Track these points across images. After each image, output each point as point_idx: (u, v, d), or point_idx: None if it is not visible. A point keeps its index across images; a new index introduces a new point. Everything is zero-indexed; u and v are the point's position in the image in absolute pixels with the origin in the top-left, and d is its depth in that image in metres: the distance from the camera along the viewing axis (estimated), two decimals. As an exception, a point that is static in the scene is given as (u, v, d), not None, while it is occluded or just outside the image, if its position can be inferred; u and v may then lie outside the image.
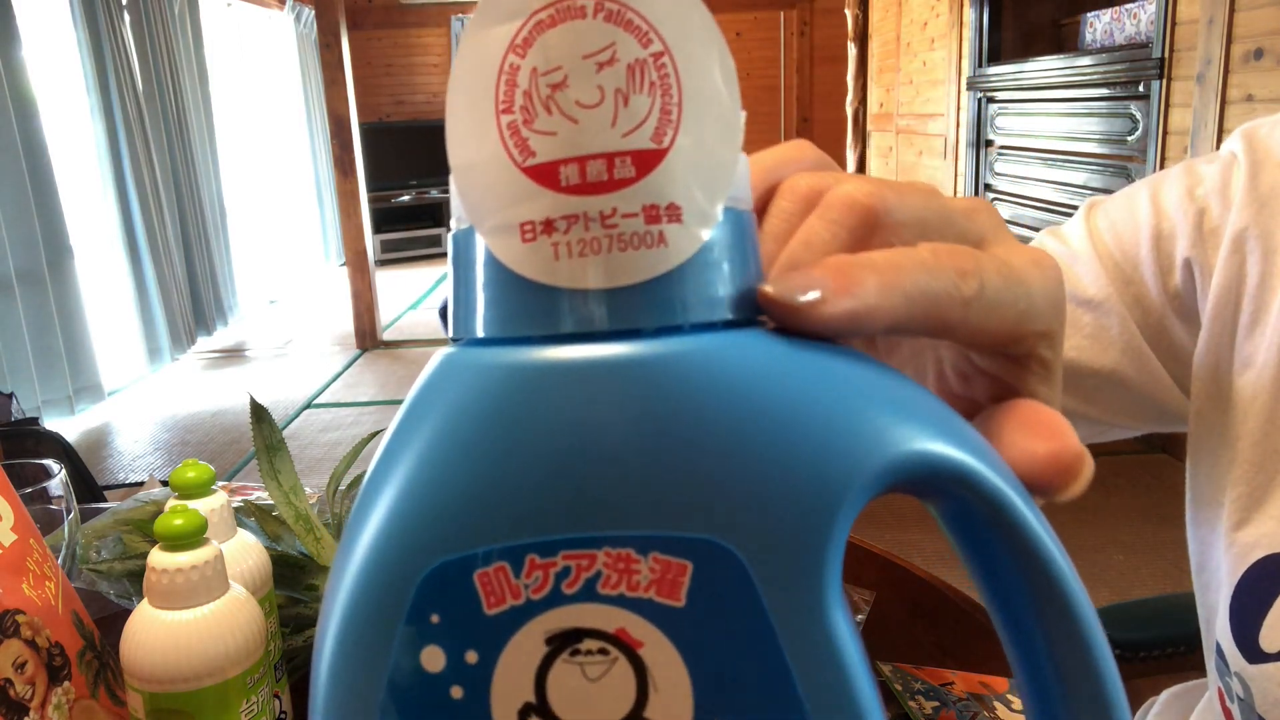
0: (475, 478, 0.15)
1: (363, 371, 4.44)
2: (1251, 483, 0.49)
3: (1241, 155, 0.51)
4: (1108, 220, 0.56)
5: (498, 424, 0.16)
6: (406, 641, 0.15)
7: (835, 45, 6.29)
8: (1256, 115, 0.55)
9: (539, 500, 0.15)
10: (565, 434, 0.15)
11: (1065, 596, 0.17)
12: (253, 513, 0.63)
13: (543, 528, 0.15)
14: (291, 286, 6.46)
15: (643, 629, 0.15)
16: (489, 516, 0.15)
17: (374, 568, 0.16)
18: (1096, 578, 2.22)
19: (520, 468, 0.15)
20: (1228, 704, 0.53)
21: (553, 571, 0.15)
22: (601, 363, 0.15)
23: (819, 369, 0.16)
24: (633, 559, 0.15)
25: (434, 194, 7.70)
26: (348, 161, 4.58)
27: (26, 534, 0.50)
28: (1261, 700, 0.48)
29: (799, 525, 0.15)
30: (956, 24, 4.32)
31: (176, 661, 0.45)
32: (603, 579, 0.15)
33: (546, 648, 0.15)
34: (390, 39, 7.70)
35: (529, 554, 0.15)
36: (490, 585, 0.15)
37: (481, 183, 0.16)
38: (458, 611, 0.15)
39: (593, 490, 0.15)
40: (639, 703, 0.15)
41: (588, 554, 0.15)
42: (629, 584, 0.15)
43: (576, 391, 0.15)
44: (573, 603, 0.15)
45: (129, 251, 4.33)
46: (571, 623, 0.15)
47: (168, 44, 4.74)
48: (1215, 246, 0.51)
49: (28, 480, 0.64)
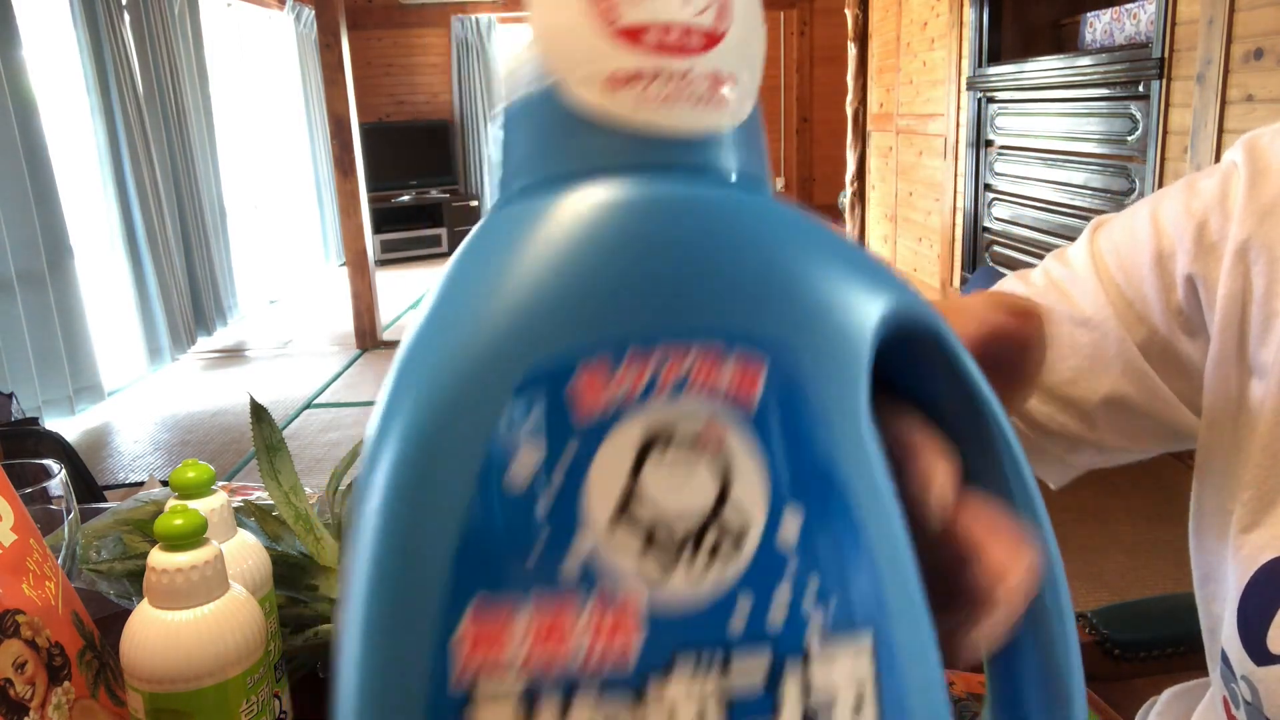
0: (576, 281, 0.17)
1: (363, 371, 4.44)
2: (1261, 486, 0.49)
3: (1242, 165, 0.51)
4: (1110, 242, 0.57)
5: (593, 237, 0.17)
6: (493, 447, 0.16)
7: (835, 45, 6.30)
8: (1256, 115, 0.55)
9: (639, 300, 0.16)
10: (659, 249, 0.17)
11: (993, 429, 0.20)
12: (253, 513, 0.63)
13: (640, 326, 0.16)
14: (291, 286, 6.46)
15: (725, 426, 0.16)
16: (591, 315, 0.16)
17: (473, 365, 0.16)
18: (1096, 578, 2.22)
19: (620, 275, 0.17)
20: (1233, 711, 0.52)
21: (647, 370, 0.16)
22: (687, 194, 0.18)
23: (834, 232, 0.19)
24: (718, 357, 0.16)
25: (434, 194, 7.69)
26: (348, 161, 4.58)
27: (26, 534, 0.50)
28: (1269, 702, 0.48)
29: (846, 344, 0.17)
30: (956, 24, 4.32)
31: (176, 661, 0.45)
32: (692, 378, 0.16)
33: (639, 447, 0.16)
34: (390, 39, 7.70)
35: (629, 348, 0.16)
36: (587, 384, 0.16)
37: (571, 40, 0.18)
38: (554, 412, 0.16)
39: (687, 291, 0.17)
40: (722, 495, 0.16)
41: (680, 349, 0.16)
42: (714, 383, 0.16)
43: (666, 214, 0.17)
44: (663, 402, 0.16)
45: (129, 251, 4.33)
46: (662, 423, 0.16)
47: (168, 44, 4.74)
48: (1217, 260, 0.50)
49: (28, 480, 0.64)
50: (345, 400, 3.98)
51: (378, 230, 7.05)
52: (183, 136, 4.85)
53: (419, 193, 7.70)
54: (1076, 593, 2.34)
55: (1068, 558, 0.69)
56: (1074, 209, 3.30)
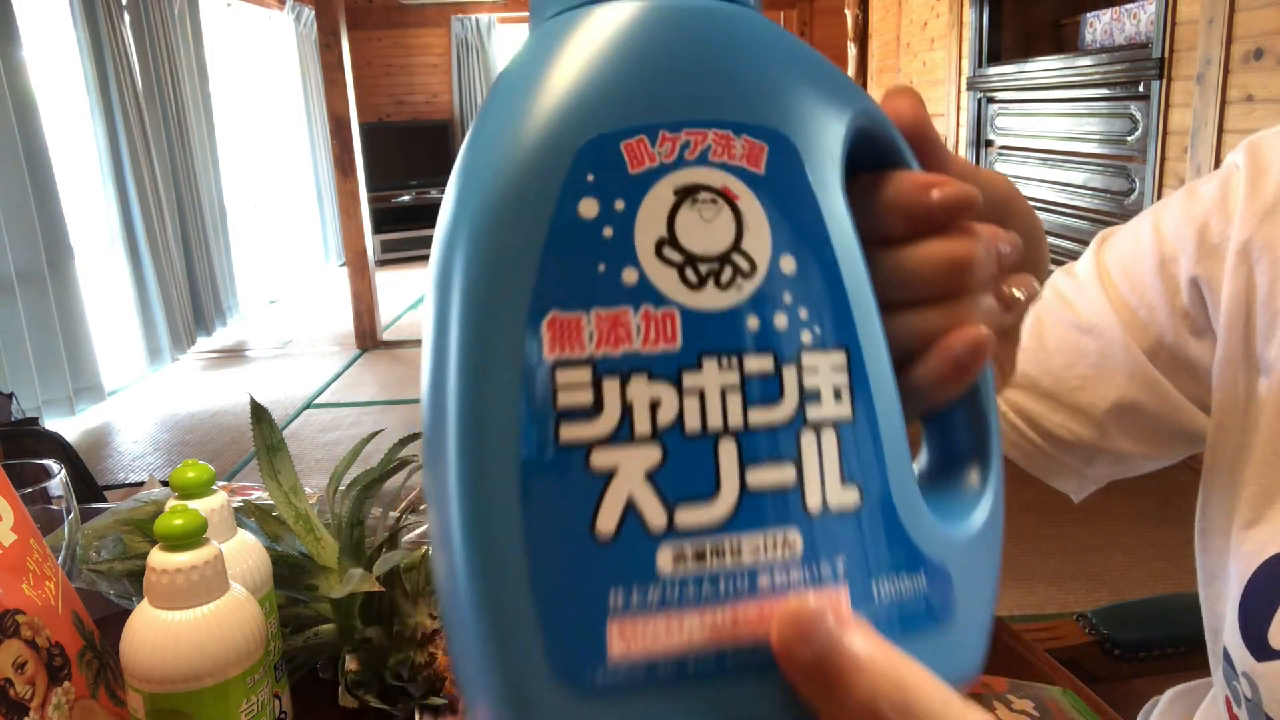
0: (620, 75, 0.21)
1: (363, 371, 4.44)
2: (1264, 481, 0.50)
3: (1243, 166, 0.51)
4: (1115, 253, 0.57)
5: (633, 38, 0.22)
6: (566, 195, 0.20)
7: (835, 45, 6.29)
8: (1256, 115, 0.56)
9: (668, 92, 0.21)
10: (686, 48, 0.22)
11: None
12: (253, 513, 0.63)
13: (671, 113, 0.21)
14: (291, 286, 6.45)
15: (739, 187, 0.21)
16: (632, 103, 0.21)
17: (534, 140, 0.21)
18: (1096, 578, 2.21)
19: (654, 70, 0.21)
20: (1235, 710, 0.53)
21: (678, 143, 0.21)
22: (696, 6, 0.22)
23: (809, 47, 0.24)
24: (731, 138, 0.21)
25: (434, 194, 7.69)
26: (348, 161, 4.58)
27: (26, 534, 0.50)
28: (1269, 698, 0.48)
29: (827, 135, 0.22)
30: (956, 24, 4.32)
31: (176, 661, 0.45)
32: (712, 150, 0.21)
33: (675, 198, 0.21)
34: (390, 39, 7.70)
35: (661, 130, 0.21)
36: (633, 152, 0.21)
37: None
38: (608, 171, 0.20)
39: (705, 88, 0.21)
40: (738, 237, 0.21)
41: (701, 132, 0.21)
42: (730, 155, 0.21)
43: (680, 23, 0.22)
44: (692, 166, 0.21)
45: (129, 251, 4.32)
46: (692, 180, 0.21)
47: (168, 44, 4.74)
48: (1220, 261, 0.51)
49: (28, 480, 0.64)
50: (345, 400, 3.98)
51: (378, 230, 7.05)
52: (183, 136, 4.85)
53: (419, 193, 7.70)
54: (1076, 593, 2.33)
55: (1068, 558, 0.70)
56: (1074, 209, 3.30)
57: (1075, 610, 0.95)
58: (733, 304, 0.20)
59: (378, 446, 0.69)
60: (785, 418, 0.20)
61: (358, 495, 0.62)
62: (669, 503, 0.20)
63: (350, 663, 0.57)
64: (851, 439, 0.21)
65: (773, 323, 0.21)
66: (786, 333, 0.21)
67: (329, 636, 0.60)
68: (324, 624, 0.61)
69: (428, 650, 0.58)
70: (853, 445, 0.21)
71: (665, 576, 0.20)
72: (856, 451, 0.21)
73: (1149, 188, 2.83)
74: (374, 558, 0.60)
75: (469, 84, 7.81)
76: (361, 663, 0.58)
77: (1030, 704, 0.58)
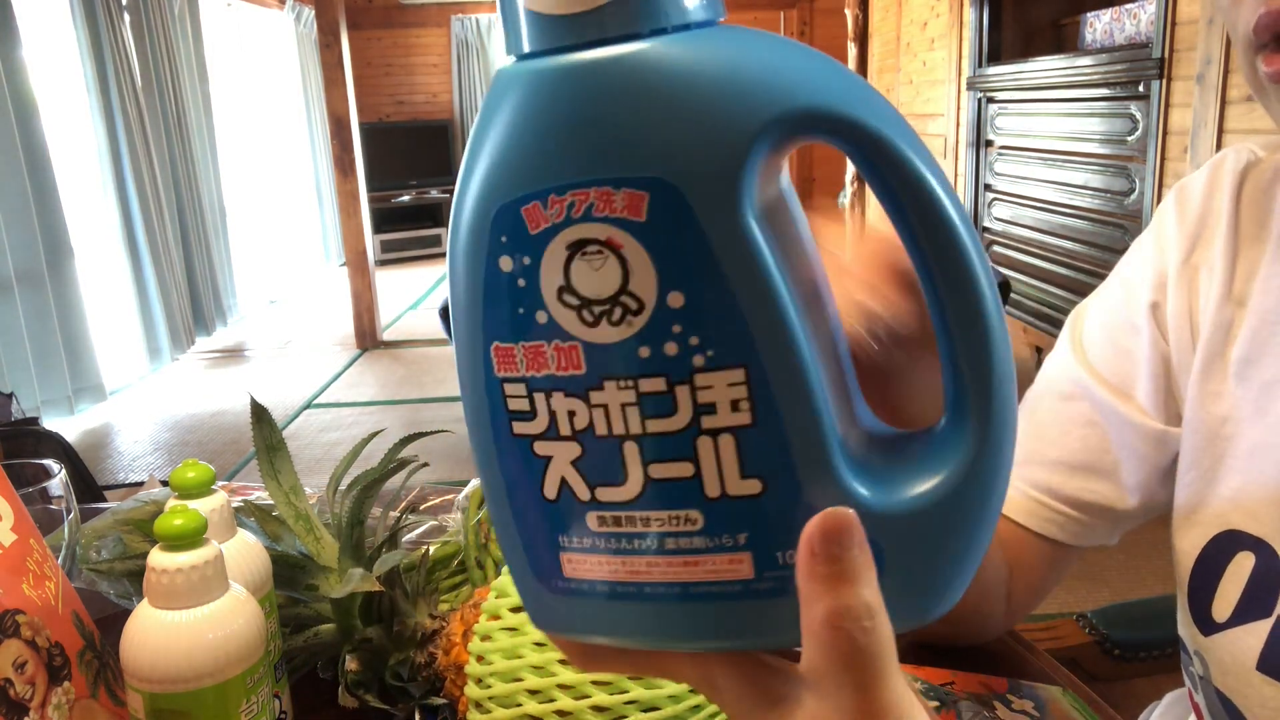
0: (519, 143, 0.24)
1: (363, 371, 4.44)
2: (1200, 465, 0.53)
3: (1172, 205, 0.57)
4: (1086, 322, 0.61)
5: (524, 110, 0.24)
6: (490, 253, 0.25)
7: (835, 45, 6.29)
8: (1256, 115, 0.58)
9: (557, 157, 0.24)
10: (576, 110, 0.24)
11: (947, 229, 0.24)
12: (253, 513, 0.63)
13: (560, 176, 0.24)
14: (291, 286, 6.46)
15: (623, 236, 0.24)
16: (528, 170, 0.24)
17: (470, 207, 0.25)
18: (1096, 578, 2.22)
19: (546, 136, 0.24)
20: (1194, 697, 0.56)
21: (565, 204, 0.24)
22: (596, 61, 0.24)
23: (744, 53, 0.24)
24: (611, 193, 0.23)
25: (434, 194, 7.69)
26: (348, 161, 4.58)
27: (26, 534, 0.50)
28: (1217, 670, 0.51)
29: (714, 163, 0.23)
30: (956, 24, 4.32)
31: (176, 661, 0.45)
32: (595, 206, 0.23)
33: (567, 251, 0.24)
34: (390, 39, 7.70)
35: (550, 193, 0.24)
36: (530, 215, 0.24)
37: None
38: (514, 232, 0.24)
39: (590, 148, 0.24)
40: (624, 280, 0.24)
41: (584, 191, 0.23)
42: (610, 209, 0.23)
43: (584, 81, 0.24)
44: (580, 223, 0.24)
45: (129, 251, 4.33)
46: (580, 235, 0.24)
47: (168, 44, 4.74)
48: (1164, 287, 0.57)
49: (28, 480, 0.64)
50: (345, 400, 3.98)
51: (378, 230, 7.05)
52: (183, 136, 4.85)
53: (419, 193, 7.70)
54: (1076, 593, 2.32)
55: (1067, 558, 0.66)
56: (1074, 209, 3.30)
57: (1075, 610, 0.95)
58: (625, 337, 0.24)
59: (378, 446, 0.69)
60: (680, 426, 0.25)
61: (358, 495, 0.62)
62: (590, 483, 0.26)
63: (350, 663, 0.58)
64: (753, 440, 0.24)
65: (662, 350, 0.24)
66: (676, 357, 0.24)
67: (329, 636, 0.60)
68: (324, 624, 0.61)
69: (428, 650, 0.58)
70: (754, 445, 0.24)
71: (594, 531, 0.26)
72: (758, 450, 0.25)
73: (1149, 188, 2.83)
74: (374, 558, 0.60)
75: (469, 84, 7.81)
76: (361, 663, 0.58)
77: (1030, 704, 0.58)
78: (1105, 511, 0.59)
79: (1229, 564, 0.50)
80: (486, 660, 0.49)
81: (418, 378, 4.30)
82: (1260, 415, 0.50)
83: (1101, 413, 0.58)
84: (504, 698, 0.47)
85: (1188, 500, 0.54)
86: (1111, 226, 3.06)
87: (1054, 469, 0.59)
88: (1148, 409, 0.57)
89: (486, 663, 0.49)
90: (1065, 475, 0.59)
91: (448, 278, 0.26)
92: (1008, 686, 0.60)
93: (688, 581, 0.26)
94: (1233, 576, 0.50)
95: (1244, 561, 0.50)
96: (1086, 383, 0.58)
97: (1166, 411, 0.56)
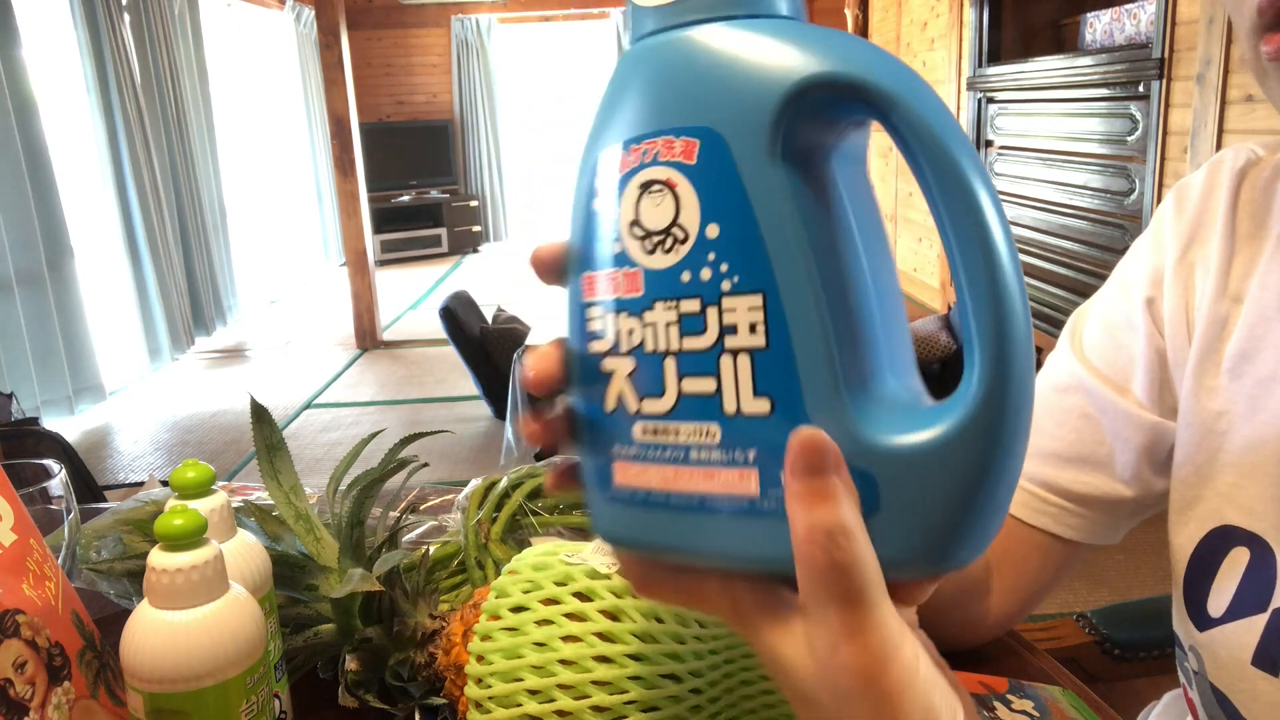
0: (618, 103, 0.31)
1: (363, 371, 4.44)
2: (1195, 460, 0.53)
3: (1170, 203, 0.58)
4: (1085, 322, 0.62)
5: (621, 79, 0.32)
6: (589, 194, 0.32)
7: (835, 45, 6.28)
8: (1256, 115, 0.58)
9: (641, 112, 0.30)
10: (657, 74, 0.30)
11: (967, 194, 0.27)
12: (253, 513, 0.63)
13: (640, 127, 0.30)
14: (291, 286, 6.45)
15: (677, 177, 0.29)
16: (616, 126, 0.31)
17: (581, 159, 0.32)
18: (1096, 578, 2.22)
19: (635, 96, 0.31)
20: (1189, 693, 0.56)
21: (640, 151, 0.30)
22: (666, 40, 0.30)
23: (790, 34, 0.29)
24: (673, 140, 0.29)
25: (434, 194, 7.69)
26: (348, 161, 4.58)
27: (26, 534, 0.50)
28: (1212, 665, 0.51)
29: (751, 114, 0.28)
30: (956, 24, 4.32)
31: (176, 661, 0.45)
32: (661, 152, 0.29)
33: (639, 190, 0.30)
34: (390, 39, 7.70)
35: (631, 144, 0.30)
36: (619, 160, 0.31)
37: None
38: (608, 175, 0.31)
39: (662, 104, 0.30)
40: (675, 214, 0.29)
41: (654, 140, 0.30)
42: (671, 154, 0.29)
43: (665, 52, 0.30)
44: (650, 166, 0.30)
45: (129, 251, 4.33)
46: (649, 176, 0.30)
47: (168, 44, 4.74)
48: (1160, 283, 0.57)
49: (28, 480, 0.64)
50: (345, 400, 3.98)
51: (378, 230, 7.05)
52: (183, 136, 4.85)
53: (419, 193, 7.70)
54: (1076, 593, 2.33)
55: (1067, 558, 0.66)
56: (1074, 209, 3.30)
57: (1075, 610, 0.95)
58: (673, 263, 0.29)
59: (378, 446, 0.69)
60: (708, 344, 0.29)
61: (358, 495, 0.62)
62: (639, 395, 0.30)
63: (350, 663, 0.58)
64: (766, 362, 0.28)
65: (699, 275, 0.29)
66: (709, 282, 0.28)
67: (329, 636, 0.60)
68: (324, 624, 0.61)
69: (428, 650, 0.58)
70: (766, 367, 0.28)
71: (638, 441, 0.31)
72: (769, 372, 0.28)
73: (1149, 188, 2.83)
74: (374, 558, 0.60)
75: (469, 84, 7.81)
76: (361, 663, 0.58)
77: (1030, 704, 0.58)
78: (1100, 503, 0.59)
79: (1224, 559, 0.51)
80: (486, 660, 0.49)
81: (418, 378, 4.30)
82: (1255, 411, 0.50)
83: (1097, 405, 0.58)
84: (504, 698, 0.47)
85: (1183, 495, 0.54)
86: (1111, 227, 3.06)
87: (1048, 461, 0.59)
88: (1144, 402, 0.57)
89: (486, 663, 0.49)
90: (1059, 467, 0.59)
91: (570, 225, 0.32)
92: (1008, 686, 0.60)
93: (705, 493, 0.29)
94: (1228, 572, 0.50)
95: (1239, 557, 0.50)
96: (1082, 376, 0.59)
97: (1162, 405, 0.57)
